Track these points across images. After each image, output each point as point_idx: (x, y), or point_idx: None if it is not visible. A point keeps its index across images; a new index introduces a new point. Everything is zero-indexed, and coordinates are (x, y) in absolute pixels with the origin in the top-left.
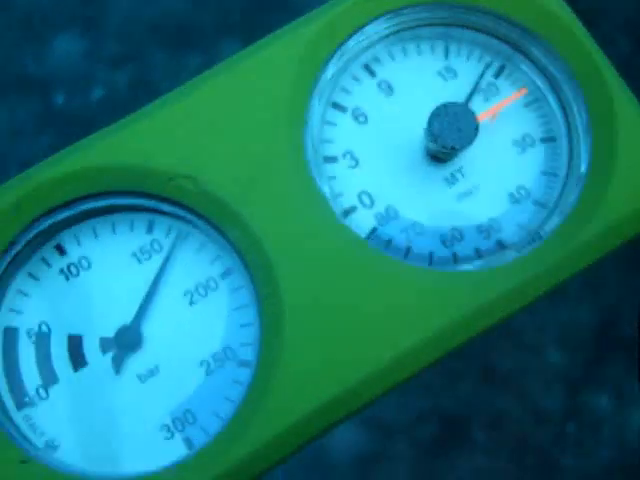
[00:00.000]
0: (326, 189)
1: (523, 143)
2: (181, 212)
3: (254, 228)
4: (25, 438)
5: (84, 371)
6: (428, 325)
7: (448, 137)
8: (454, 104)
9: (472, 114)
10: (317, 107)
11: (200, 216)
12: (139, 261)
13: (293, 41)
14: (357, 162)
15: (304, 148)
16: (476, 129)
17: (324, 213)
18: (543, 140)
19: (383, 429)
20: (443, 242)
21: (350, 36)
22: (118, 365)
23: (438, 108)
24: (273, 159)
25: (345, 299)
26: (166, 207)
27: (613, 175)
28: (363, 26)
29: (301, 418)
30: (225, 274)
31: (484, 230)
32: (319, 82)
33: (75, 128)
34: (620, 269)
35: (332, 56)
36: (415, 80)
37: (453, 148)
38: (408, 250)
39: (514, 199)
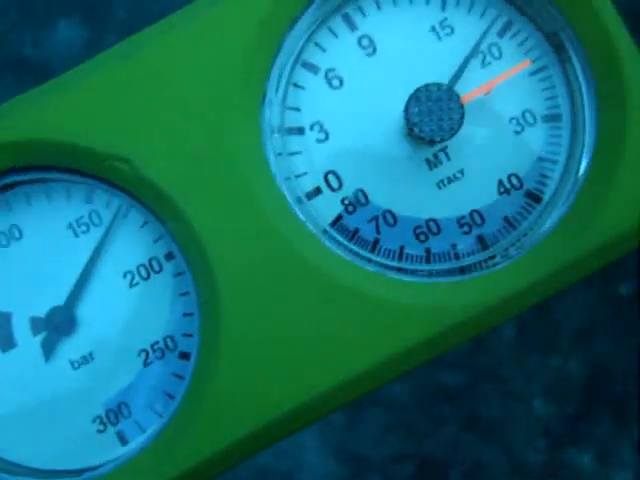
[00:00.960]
0: (286, 167)
1: (522, 121)
2: (118, 192)
3: (193, 222)
4: None
5: (13, 353)
6: (380, 348)
7: (426, 126)
8: (439, 86)
9: (458, 101)
10: (284, 67)
11: (138, 199)
12: (76, 234)
13: None
14: (327, 135)
15: (261, 121)
16: (461, 119)
17: (273, 203)
18: (546, 118)
19: (357, 463)
20: (416, 235)
21: None
22: (49, 349)
23: (419, 90)
24: (220, 139)
25: (291, 308)
26: (103, 186)
27: (617, 174)
28: None
29: (236, 439)
30: (169, 255)
31: (465, 223)
32: (287, 38)
33: None
34: (615, 324)
35: (306, 11)
36: (403, 37)
37: (432, 140)
38: (376, 243)
39: (503, 188)
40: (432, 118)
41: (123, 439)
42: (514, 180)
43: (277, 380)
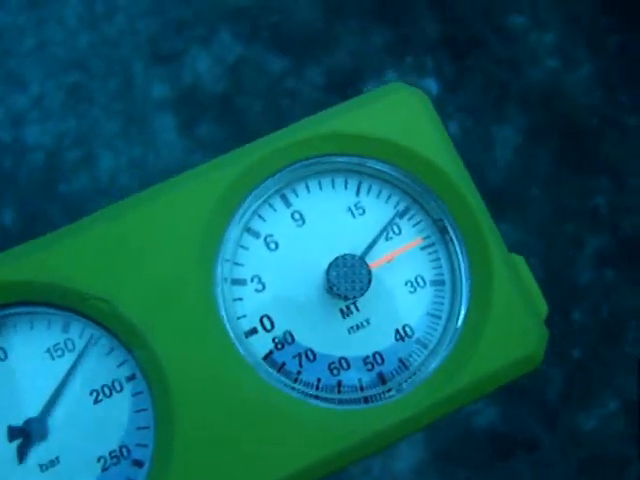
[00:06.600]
0: (231, 310)
1: (415, 284)
2: (92, 324)
3: (156, 351)
4: None
5: None
6: (301, 457)
7: (342, 286)
8: (353, 256)
9: (367, 268)
10: (233, 232)
11: (110, 332)
12: (52, 357)
13: (214, 181)
14: (264, 286)
15: (214, 274)
16: (369, 282)
17: (220, 339)
18: (433, 283)
19: None
20: (331, 370)
21: (268, 177)
22: (22, 454)
23: (337, 259)
24: (181, 287)
25: (232, 424)
26: (78, 318)
27: (486, 328)
28: (282, 169)
29: None
30: (130, 378)
31: (368, 362)
32: (237, 213)
33: None
34: None
35: (252, 192)
36: (326, 214)
37: (346, 297)
38: (298, 374)
39: (399, 336)
40: (347, 280)
41: None
42: (407, 329)
43: None
